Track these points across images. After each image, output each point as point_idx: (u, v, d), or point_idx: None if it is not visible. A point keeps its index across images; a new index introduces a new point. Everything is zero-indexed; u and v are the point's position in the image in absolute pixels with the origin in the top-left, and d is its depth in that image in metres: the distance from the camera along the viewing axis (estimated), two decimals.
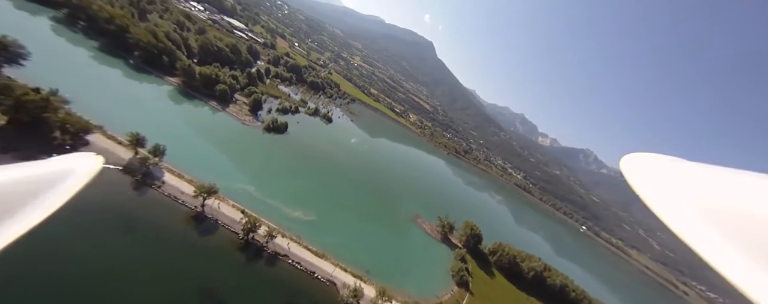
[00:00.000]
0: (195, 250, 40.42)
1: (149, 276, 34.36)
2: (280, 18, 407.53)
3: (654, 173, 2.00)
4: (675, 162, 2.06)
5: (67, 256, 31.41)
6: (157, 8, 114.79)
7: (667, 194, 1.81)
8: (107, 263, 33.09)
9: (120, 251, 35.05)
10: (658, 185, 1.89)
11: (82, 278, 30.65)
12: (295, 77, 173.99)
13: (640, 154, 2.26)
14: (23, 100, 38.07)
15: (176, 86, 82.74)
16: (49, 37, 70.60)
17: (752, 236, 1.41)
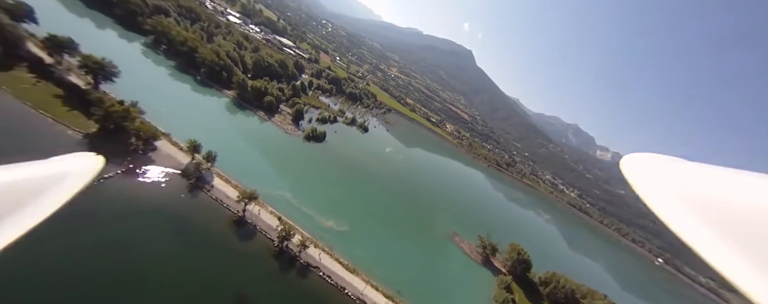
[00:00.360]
0: (234, 254, 41.62)
1: (193, 277, 35.90)
2: (324, 35, 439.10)
3: (654, 173, 2.01)
4: (675, 162, 2.08)
5: (126, 249, 34.41)
6: (221, 31, 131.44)
7: (667, 193, 1.83)
8: (158, 260, 35.46)
9: (171, 250, 37.50)
10: (658, 185, 1.90)
11: (135, 272, 33.07)
12: (335, 89, 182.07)
13: (641, 154, 2.29)
14: (110, 111, 44.54)
15: (232, 98, 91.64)
16: (138, 59, 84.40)
17: (752, 235, 1.42)
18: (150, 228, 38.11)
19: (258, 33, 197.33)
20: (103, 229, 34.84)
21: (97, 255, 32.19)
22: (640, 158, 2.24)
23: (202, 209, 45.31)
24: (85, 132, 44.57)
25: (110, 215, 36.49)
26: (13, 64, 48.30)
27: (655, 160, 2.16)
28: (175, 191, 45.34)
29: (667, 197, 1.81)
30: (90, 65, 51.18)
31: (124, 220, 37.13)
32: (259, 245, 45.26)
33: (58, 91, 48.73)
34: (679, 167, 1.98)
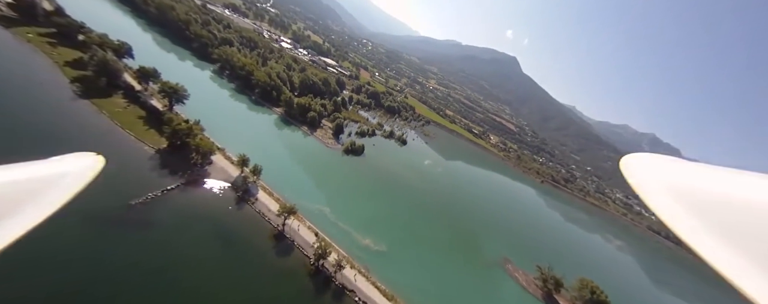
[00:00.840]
0: (271, 269, 41.11)
1: (228, 288, 35.89)
2: (364, 53, 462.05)
3: (654, 174, 2.02)
4: (675, 162, 2.09)
5: (174, 256, 36.10)
6: (274, 55, 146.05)
7: (667, 194, 1.84)
8: (199, 268, 36.41)
9: (213, 259, 38.48)
10: (659, 185, 1.92)
11: (179, 277, 34.15)
12: (374, 103, 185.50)
13: (641, 154, 2.31)
14: (176, 128, 49.93)
15: (280, 115, 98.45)
16: (207, 83, 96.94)
17: (751, 235, 1.43)
18: (199, 238, 39.94)
19: (305, 55, 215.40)
20: (161, 237, 37.42)
21: (151, 259, 34.26)
22: (640, 159, 2.25)
23: (246, 222, 46.60)
24: (158, 148, 50.53)
25: (169, 225, 39.31)
26: (112, 91, 58.58)
27: (656, 160, 2.17)
28: (224, 203, 47.78)
29: (667, 197, 1.82)
30: (166, 90, 59.36)
31: (179, 229, 39.63)
32: (296, 261, 44.25)
33: (142, 113, 57.11)
34: (679, 168, 1.98)
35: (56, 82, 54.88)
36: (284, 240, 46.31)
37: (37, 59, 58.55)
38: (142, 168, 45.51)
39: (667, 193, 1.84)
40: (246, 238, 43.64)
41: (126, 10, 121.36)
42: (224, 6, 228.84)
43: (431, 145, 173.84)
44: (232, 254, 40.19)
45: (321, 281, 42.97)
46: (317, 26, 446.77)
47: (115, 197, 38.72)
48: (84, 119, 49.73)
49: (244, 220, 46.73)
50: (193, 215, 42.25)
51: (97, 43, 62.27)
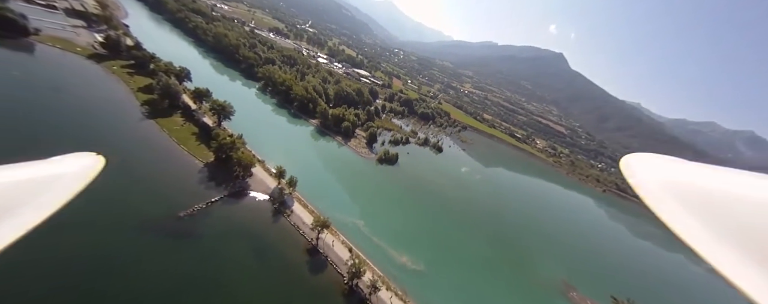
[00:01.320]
0: (304, 287, 39.55)
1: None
2: (396, 62, 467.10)
3: (654, 174, 2.02)
4: (675, 163, 2.09)
5: (213, 269, 36.56)
6: (311, 70, 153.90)
7: (667, 194, 1.84)
8: (237, 284, 36.22)
9: (250, 275, 38.27)
10: (659, 186, 1.91)
11: (216, 291, 34.15)
12: (407, 110, 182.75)
13: (641, 154, 2.29)
14: (222, 143, 52.91)
15: (316, 126, 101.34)
16: (252, 100, 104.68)
17: (750, 234, 1.43)
18: (236, 252, 40.40)
19: (340, 68, 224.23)
20: (203, 250, 38.58)
21: (193, 271, 35.08)
22: (641, 159, 2.22)
23: (282, 235, 46.40)
24: (206, 161, 54.13)
25: (210, 237, 40.60)
26: (173, 111, 65.56)
27: (656, 160, 2.15)
28: (261, 216, 48.49)
29: (667, 197, 1.82)
30: (215, 108, 64.46)
31: (219, 242, 40.64)
32: (330, 278, 42.18)
33: (195, 130, 62.57)
34: (679, 168, 1.98)
35: (131, 105, 63.33)
36: (318, 255, 44.78)
37: (119, 87, 68.73)
38: (191, 181, 48.71)
39: (668, 193, 1.84)
40: (281, 252, 43.11)
41: (190, 41, 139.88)
42: (269, 30, 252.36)
43: (469, 152, 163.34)
44: (266, 269, 39.70)
45: (355, 302, 40.00)
46: (351, 41, 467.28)
47: (167, 208, 41.50)
48: (148, 137, 55.86)
49: (280, 233, 46.59)
50: (232, 228, 43.26)
51: (163, 70, 71.07)
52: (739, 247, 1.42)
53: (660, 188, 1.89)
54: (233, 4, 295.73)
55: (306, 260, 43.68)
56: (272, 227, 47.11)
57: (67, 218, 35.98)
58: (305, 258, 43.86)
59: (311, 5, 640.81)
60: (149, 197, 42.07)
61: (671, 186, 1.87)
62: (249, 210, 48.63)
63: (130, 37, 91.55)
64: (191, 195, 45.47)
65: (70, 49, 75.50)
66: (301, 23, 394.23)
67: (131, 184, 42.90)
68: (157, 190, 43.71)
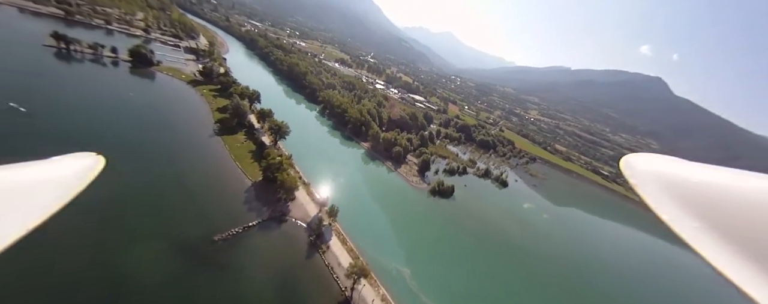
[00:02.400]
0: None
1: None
2: (453, 88, 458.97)
3: (655, 174, 2.01)
4: (676, 163, 2.09)
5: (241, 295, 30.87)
6: (368, 95, 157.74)
7: (668, 194, 1.83)
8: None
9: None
10: (659, 186, 1.91)
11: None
12: (464, 137, 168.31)
13: (641, 154, 2.29)
14: (271, 162, 51.41)
15: (366, 150, 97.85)
16: (311, 121, 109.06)
17: (751, 235, 1.43)
18: (261, 289, 34.61)
19: (396, 94, 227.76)
20: (230, 282, 33.97)
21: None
22: (641, 159, 2.21)
23: (313, 276, 39.48)
24: (254, 180, 53.17)
25: (240, 269, 36.20)
26: (238, 129, 69.93)
27: (657, 160, 2.14)
28: (295, 249, 42.98)
29: (668, 198, 1.81)
30: (273, 127, 66.01)
31: (248, 276, 35.76)
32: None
33: (253, 148, 64.44)
34: (680, 168, 1.97)
35: (207, 123, 70.04)
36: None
37: (203, 107, 78.15)
38: (236, 200, 47.23)
39: (668, 193, 1.83)
40: (308, 300, 35.61)
41: (270, 70, 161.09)
42: (335, 60, 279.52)
43: (541, 190, 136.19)
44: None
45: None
46: (408, 69, 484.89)
47: (205, 228, 39.43)
48: (212, 152, 58.92)
49: (312, 274, 39.69)
50: (262, 261, 38.36)
51: (238, 93, 78.63)
52: (740, 247, 1.42)
53: (661, 188, 1.87)
54: (309, 41, 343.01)
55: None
56: (304, 265, 40.67)
57: (111, 221, 33.55)
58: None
59: (373, 39, 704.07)
60: (192, 213, 41.05)
61: (672, 186, 1.86)
62: (284, 240, 43.73)
63: (223, 67, 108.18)
64: (231, 216, 43.25)
65: (177, 76, 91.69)
66: (363, 55, 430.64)
67: (180, 197, 43.08)
68: (201, 207, 42.80)
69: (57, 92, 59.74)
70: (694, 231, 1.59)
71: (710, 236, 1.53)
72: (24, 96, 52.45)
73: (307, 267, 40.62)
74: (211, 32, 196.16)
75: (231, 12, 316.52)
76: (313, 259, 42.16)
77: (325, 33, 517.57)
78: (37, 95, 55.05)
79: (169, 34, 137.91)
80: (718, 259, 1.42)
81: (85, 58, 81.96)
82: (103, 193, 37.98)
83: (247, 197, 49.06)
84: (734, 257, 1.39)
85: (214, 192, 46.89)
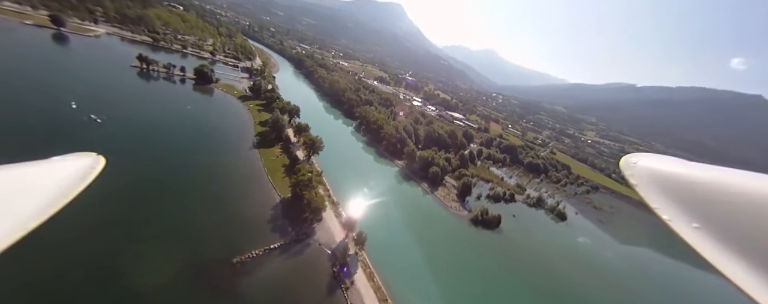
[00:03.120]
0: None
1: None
2: (494, 106, 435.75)
3: (655, 174, 2.01)
4: (677, 163, 2.07)
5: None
6: (405, 111, 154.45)
7: (668, 194, 1.83)
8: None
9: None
10: (659, 186, 1.91)
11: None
12: (509, 158, 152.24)
13: (641, 154, 2.27)
14: (301, 178, 48.74)
15: (401, 169, 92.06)
16: (346, 137, 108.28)
17: (752, 235, 1.43)
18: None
19: (433, 111, 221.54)
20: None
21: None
22: (641, 158, 2.19)
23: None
24: (283, 197, 50.83)
25: (250, 299, 32.13)
26: (275, 143, 70.63)
27: (656, 160, 2.13)
28: (316, 280, 37.92)
29: (668, 198, 1.80)
30: (307, 141, 64.86)
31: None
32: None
33: (286, 162, 63.63)
34: (680, 168, 1.96)
35: (249, 135, 72.30)
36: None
37: (248, 120, 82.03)
38: (262, 217, 44.81)
39: (669, 193, 1.82)
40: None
41: (313, 87, 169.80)
42: (374, 79, 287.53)
43: (612, 229, 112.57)
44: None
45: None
46: (446, 86, 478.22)
47: (226, 248, 36.89)
48: (247, 164, 59.17)
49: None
50: (277, 293, 33.89)
51: (279, 108, 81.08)
52: (740, 247, 1.42)
53: (661, 188, 1.87)
54: (352, 61, 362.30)
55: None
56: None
57: (129, 223, 30.92)
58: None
59: (412, 59, 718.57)
60: (215, 228, 39.19)
61: (672, 186, 1.85)
62: (306, 268, 39.07)
63: (271, 84, 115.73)
64: (254, 235, 40.49)
65: (230, 91, 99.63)
66: (402, 73, 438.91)
67: (207, 208, 41.97)
68: (226, 221, 40.93)
69: (130, 105, 67.39)
70: (695, 231, 1.59)
71: (710, 236, 1.53)
72: (104, 108, 59.55)
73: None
74: (267, 54, 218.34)
75: (285, 37, 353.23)
76: (335, 297, 36.38)
77: (367, 54, 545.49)
78: (114, 108, 62.31)
79: (230, 56, 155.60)
80: (718, 259, 1.43)
81: (159, 77, 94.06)
82: (131, 191, 38.31)
83: (274, 215, 46.41)
84: (734, 257, 1.40)
85: (241, 206, 45.25)
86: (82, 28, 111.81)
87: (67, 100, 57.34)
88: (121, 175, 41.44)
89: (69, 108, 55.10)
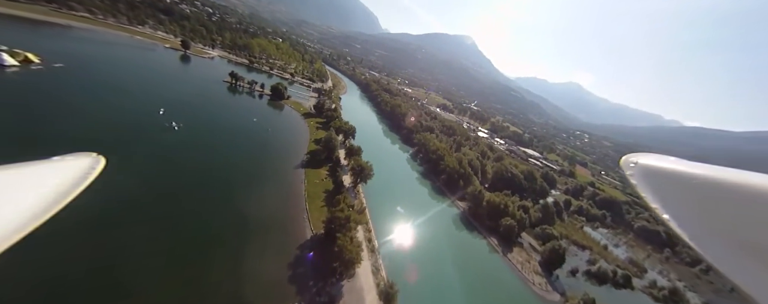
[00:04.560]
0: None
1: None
2: (578, 146, 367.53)
3: (656, 173, 2.02)
4: (677, 163, 2.06)
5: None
6: (469, 143, 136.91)
7: (668, 193, 1.85)
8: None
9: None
10: (660, 185, 1.92)
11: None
12: (610, 217, 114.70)
13: (641, 153, 2.28)
14: (336, 215, 39.01)
15: (461, 211, 74.82)
16: (401, 164, 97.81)
17: (752, 235, 1.43)
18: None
19: (502, 144, 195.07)
20: None
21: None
22: (641, 158, 2.20)
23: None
24: (315, 233, 41.70)
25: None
26: (324, 164, 64.84)
27: (657, 160, 2.13)
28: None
29: (668, 197, 1.82)
30: (355, 167, 56.38)
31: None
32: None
33: (330, 187, 55.90)
34: (680, 167, 1.96)
35: (302, 153, 68.91)
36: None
37: (305, 137, 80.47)
38: (283, 260, 35.89)
39: (669, 193, 1.83)
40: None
41: (374, 110, 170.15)
42: (437, 105, 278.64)
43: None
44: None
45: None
46: (517, 119, 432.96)
47: (226, 297, 28.35)
48: (290, 185, 53.46)
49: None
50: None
51: (335, 127, 77.18)
52: (740, 246, 1.42)
53: (661, 188, 1.87)
54: (415, 88, 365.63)
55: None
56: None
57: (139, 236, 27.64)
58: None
59: (478, 89, 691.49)
60: (226, 266, 31.45)
61: (672, 185, 1.85)
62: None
63: (335, 103, 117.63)
64: (267, 288, 31.22)
65: (297, 108, 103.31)
66: (466, 102, 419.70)
67: (229, 238, 35.18)
68: (240, 258, 33.07)
69: (208, 114, 72.68)
70: (694, 230, 1.60)
71: (710, 236, 1.54)
72: (187, 116, 64.39)
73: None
74: (339, 78, 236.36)
75: (358, 65, 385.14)
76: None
77: (432, 82, 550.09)
78: (195, 116, 67.31)
79: (306, 78, 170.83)
80: (718, 259, 1.43)
81: (243, 91, 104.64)
82: (150, 198, 34.17)
83: (299, 257, 37.04)
84: (734, 257, 1.40)
85: (266, 238, 37.58)
86: (202, 51, 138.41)
87: (160, 106, 64.02)
88: (153, 182, 39.43)
89: (157, 114, 60.60)
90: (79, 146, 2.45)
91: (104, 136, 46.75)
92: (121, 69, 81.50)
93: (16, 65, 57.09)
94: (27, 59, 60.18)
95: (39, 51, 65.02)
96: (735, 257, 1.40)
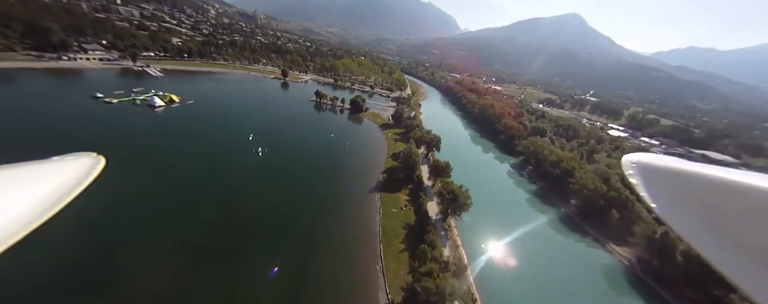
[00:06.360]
0: None
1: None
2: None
3: (656, 173, 2.03)
4: (677, 162, 2.07)
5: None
6: (605, 146, 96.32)
7: (669, 193, 1.85)
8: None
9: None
10: (660, 185, 1.93)
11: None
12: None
13: (642, 153, 2.30)
14: (421, 271, 24.48)
15: (626, 262, 46.09)
16: (501, 180, 74.52)
17: (752, 235, 1.43)
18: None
19: (656, 145, 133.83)
20: None
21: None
22: (642, 158, 2.22)
23: None
24: (391, 300, 28.39)
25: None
26: (403, 185, 52.16)
27: (657, 160, 2.15)
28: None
29: (668, 197, 1.82)
30: (446, 194, 40.65)
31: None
32: None
33: (411, 220, 42.32)
34: (680, 167, 1.98)
35: (378, 170, 58.99)
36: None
37: (382, 151, 71.05)
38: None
39: (669, 192, 1.83)
40: None
41: (459, 114, 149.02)
42: (538, 101, 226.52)
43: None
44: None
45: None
46: (669, 108, 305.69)
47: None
48: (363, 217, 42.94)
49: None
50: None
51: (416, 138, 64.14)
52: (740, 246, 1.42)
53: (661, 187, 1.88)
54: (506, 85, 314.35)
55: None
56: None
57: None
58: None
59: (593, 73, 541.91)
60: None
61: (672, 185, 1.86)
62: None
63: (414, 111, 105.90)
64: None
65: (375, 120, 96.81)
66: (579, 93, 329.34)
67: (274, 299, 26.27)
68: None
69: (293, 136, 72.52)
70: (695, 230, 1.59)
71: (710, 236, 1.53)
72: (273, 139, 65.34)
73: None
74: (418, 85, 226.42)
75: (437, 70, 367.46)
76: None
77: (525, 76, 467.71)
78: (281, 139, 67.99)
79: (385, 88, 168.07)
80: (718, 258, 1.42)
81: (327, 108, 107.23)
82: None
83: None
84: (734, 257, 1.39)
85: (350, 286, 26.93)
86: (297, 77, 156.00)
87: (253, 131, 67.36)
88: (216, 206, 35.55)
89: (247, 140, 63.18)
90: None
91: (198, 160, 49.44)
92: (234, 100, 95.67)
93: (163, 105, 72.34)
94: (171, 100, 75.89)
95: (181, 93, 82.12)
96: (735, 257, 1.39)
